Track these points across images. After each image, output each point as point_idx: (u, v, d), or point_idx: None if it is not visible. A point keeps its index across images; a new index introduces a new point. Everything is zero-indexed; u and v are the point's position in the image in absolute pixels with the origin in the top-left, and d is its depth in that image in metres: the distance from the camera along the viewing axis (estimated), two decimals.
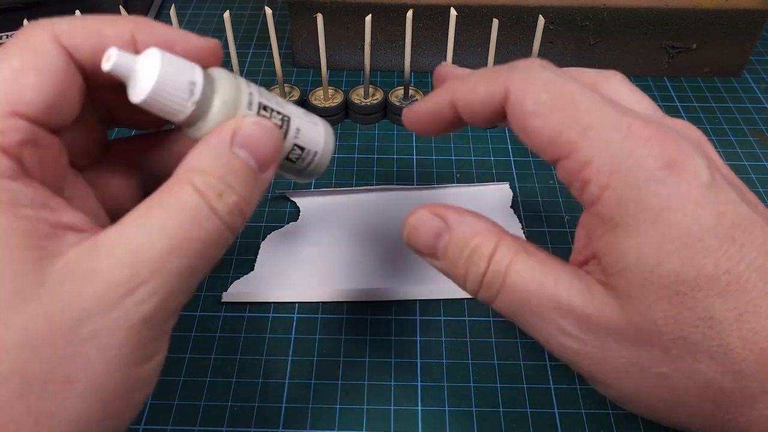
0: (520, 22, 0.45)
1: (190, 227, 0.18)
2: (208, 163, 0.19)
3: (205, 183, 0.18)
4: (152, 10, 0.56)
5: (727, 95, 0.47)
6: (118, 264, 0.17)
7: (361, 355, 0.31)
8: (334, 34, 0.46)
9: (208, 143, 0.19)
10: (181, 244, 0.18)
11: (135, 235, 0.17)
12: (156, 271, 0.17)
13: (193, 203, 0.18)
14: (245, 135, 0.20)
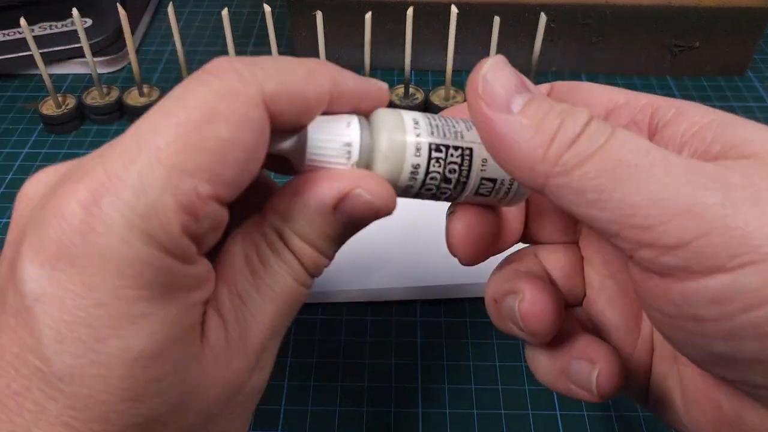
0: (521, 20, 0.45)
1: (296, 290, 0.18)
2: (302, 225, 0.17)
3: (302, 251, 0.18)
4: (150, 8, 0.55)
5: (730, 94, 0.47)
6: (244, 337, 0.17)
7: (361, 357, 0.31)
8: (333, 32, 0.46)
9: (307, 201, 0.17)
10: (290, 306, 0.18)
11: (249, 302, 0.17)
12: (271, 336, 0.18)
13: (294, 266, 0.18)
14: (352, 211, 0.17)
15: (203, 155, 0.15)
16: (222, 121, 0.15)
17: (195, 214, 0.15)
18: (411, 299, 0.33)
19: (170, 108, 0.15)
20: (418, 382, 0.30)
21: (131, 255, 0.14)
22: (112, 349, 0.14)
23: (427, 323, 0.32)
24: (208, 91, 0.15)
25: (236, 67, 0.16)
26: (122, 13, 0.39)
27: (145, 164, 0.14)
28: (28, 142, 0.43)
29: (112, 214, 0.14)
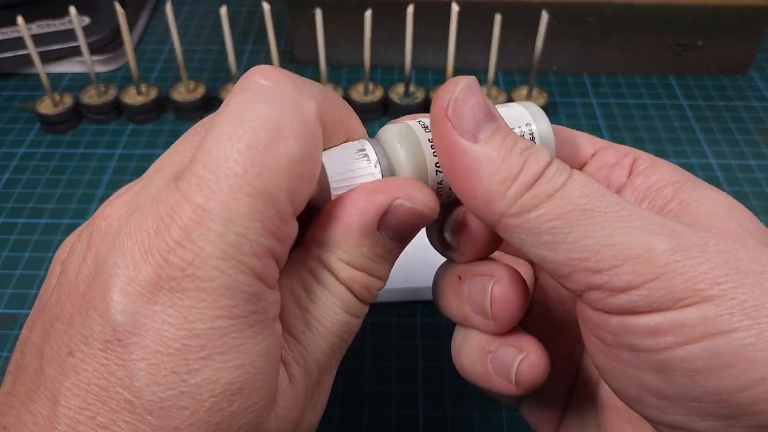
0: (522, 18, 0.44)
1: (347, 322, 0.17)
2: (348, 251, 0.17)
3: (351, 277, 0.17)
4: (148, 6, 0.55)
5: (733, 93, 0.46)
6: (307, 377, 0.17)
7: (361, 360, 0.30)
8: (333, 31, 0.46)
9: (348, 222, 0.17)
10: (343, 339, 0.17)
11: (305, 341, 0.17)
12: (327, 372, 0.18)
13: (343, 296, 0.17)
14: (396, 223, 0.17)
15: (280, 176, 0.14)
16: (291, 137, 0.15)
17: (280, 237, 0.15)
18: (412, 300, 0.33)
19: (235, 127, 0.15)
20: (419, 384, 0.29)
21: (227, 284, 0.14)
22: (202, 381, 0.14)
23: (428, 325, 0.32)
24: (269, 104, 0.15)
25: (290, 76, 0.16)
26: (120, 11, 0.39)
27: (228, 194, 0.14)
28: (24, 142, 0.42)
29: (205, 246, 0.14)
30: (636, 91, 0.47)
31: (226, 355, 0.14)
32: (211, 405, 0.14)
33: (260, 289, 0.15)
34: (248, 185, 0.14)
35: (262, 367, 0.15)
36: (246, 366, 0.14)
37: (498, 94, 0.44)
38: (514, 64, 0.48)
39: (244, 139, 0.14)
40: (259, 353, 0.15)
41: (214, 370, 0.14)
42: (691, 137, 0.43)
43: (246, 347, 0.14)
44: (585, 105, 0.45)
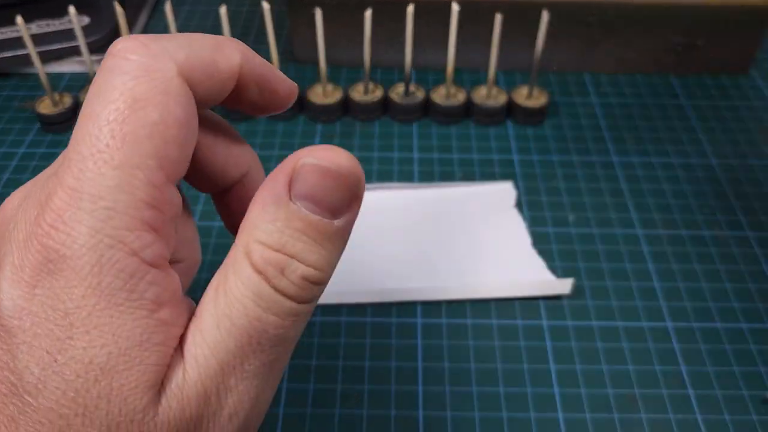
0: (523, 18, 0.44)
1: (258, 315, 0.15)
2: (263, 228, 0.15)
3: (263, 258, 0.15)
4: (148, 6, 0.55)
5: (733, 93, 0.46)
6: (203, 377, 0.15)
7: (360, 359, 0.30)
8: (333, 30, 0.45)
9: (263, 199, 0.16)
10: (255, 340, 0.15)
11: (209, 336, 0.15)
12: (237, 376, 0.15)
13: (254, 286, 0.15)
14: (305, 184, 0.15)
15: (143, 144, 0.14)
16: (148, 104, 0.15)
17: (155, 205, 0.15)
18: (411, 300, 0.32)
19: (94, 107, 0.15)
20: (419, 385, 0.29)
21: (94, 260, 0.14)
22: (68, 360, 0.14)
23: (427, 325, 0.32)
24: (123, 77, 0.15)
25: (144, 43, 0.15)
26: (120, 11, 0.39)
27: (94, 170, 0.14)
28: (24, 142, 0.42)
29: (74, 225, 0.14)
30: (637, 90, 0.47)
31: (89, 334, 0.14)
32: (79, 385, 0.14)
33: (133, 265, 0.14)
34: (112, 159, 0.14)
35: (128, 349, 0.14)
36: (109, 346, 0.14)
37: (498, 94, 0.43)
38: (514, 64, 0.47)
39: (102, 115, 0.14)
40: (125, 335, 0.14)
41: (80, 349, 0.14)
42: (693, 137, 0.43)
43: (110, 327, 0.14)
44: (586, 105, 0.45)
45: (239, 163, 0.20)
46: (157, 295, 0.15)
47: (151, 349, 0.14)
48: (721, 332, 0.31)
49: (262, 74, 0.18)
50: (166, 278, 0.15)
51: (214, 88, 0.17)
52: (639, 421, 0.28)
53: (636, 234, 0.36)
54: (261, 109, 0.19)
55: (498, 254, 0.34)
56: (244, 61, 0.17)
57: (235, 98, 0.18)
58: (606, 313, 0.32)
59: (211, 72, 0.16)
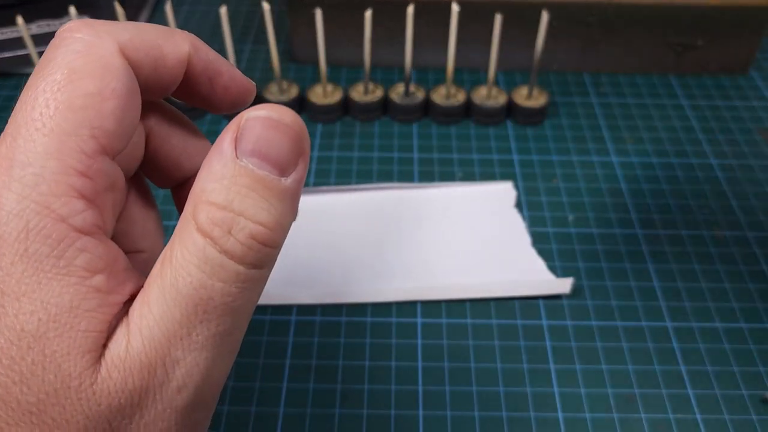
0: (523, 18, 0.44)
1: (204, 282, 0.15)
2: (209, 189, 0.15)
3: (209, 218, 0.15)
4: (148, 6, 0.55)
5: (733, 93, 0.46)
6: (148, 348, 0.15)
7: (360, 359, 0.30)
8: (333, 30, 0.46)
9: (210, 160, 0.15)
10: (201, 309, 0.15)
11: (155, 307, 0.15)
12: (185, 347, 0.15)
13: (199, 251, 0.15)
14: (251, 138, 0.15)
15: (77, 113, 0.15)
16: (86, 76, 0.15)
17: (86, 173, 0.15)
18: (411, 300, 0.32)
19: (35, 80, 0.15)
20: (419, 385, 0.29)
21: (21, 225, 0.14)
22: (1, 329, 0.14)
23: (427, 325, 0.32)
24: (64, 51, 0.15)
25: (89, 23, 0.16)
26: (120, 11, 0.39)
27: (25, 137, 0.14)
28: None
29: (2, 192, 0.14)
30: (636, 90, 0.47)
31: (19, 301, 0.14)
32: (14, 353, 0.14)
33: (61, 231, 0.14)
34: (44, 126, 0.14)
35: (57, 315, 0.14)
36: (38, 312, 0.14)
37: (498, 94, 0.43)
38: (514, 64, 0.48)
39: (40, 86, 0.15)
40: (54, 301, 0.14)
41: (11, 317, 0.14)
42: (692, 137, 0.43)
43: (39, 293, 0.14)
44: (585, 104, 0.45)
45: (194, 156, 0.20)
46: (88, 262, 0.15)
47: (81, 315, 0.14)
48: (721, 332, 0.31)
49: (213, 68, 0.18)
50: (99, 246, 0.15)
51: (161, 74, 0.17)
52: (639, 421, 0.28)
53: (636, 234, 0.36)
54: (214, 105, 0.19)
55: (498, 254, 0.35)
56: (194, 51, 0.17)
57: (186, 90, 0.18)
58: (606, 312, 0.32)
59: (155, 56, 0.17)
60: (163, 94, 0.18)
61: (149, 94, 0.17)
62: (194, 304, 0.15)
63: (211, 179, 0.15)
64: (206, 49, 0.18)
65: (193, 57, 0.17)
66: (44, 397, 0.14)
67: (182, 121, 0.20)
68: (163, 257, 0.15)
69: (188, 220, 0.15)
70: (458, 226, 0.36)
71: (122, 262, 0.16)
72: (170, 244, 0.15)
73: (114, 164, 0.16)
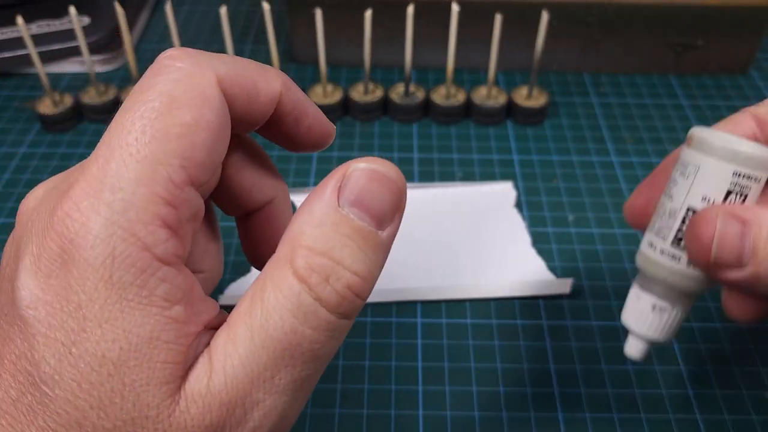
0: (523, 18, 0.44)
1: (295, 328, 0.15)
2: (309, 233, 0.15)
3: (307, 265, 0.15)
4: (148, 6, 0.55)
5: (733, 93, 0.46)
6: (230, 387, 0.15)
7: (360, 359, 0.30)
8: (333, 30, 0.45)
9: (310, 206, 0.15)
10: (288, 354, 0.15)
11: (241, 347, 0.15)
12: (266, 389, 0.15)
13: (294, 296, 0.15)
14: (355, 188, 0.15)
15: (171, 142, 0.15)
16: (184, 105, 0.15)
17: (172, 203, 0.15)
18: (411, 300, 0.32)
19: (132, 104, 0.15)
20: (419, 385, 0.29)
21: (107, 251, 0.14)
22: (83, 353, 0.14)
23: (427, 325, 0.32)
24: (165, 79, 0.15)
25: (189, 53, 0.16)
26: (120, 11, 0.39)
27: (119, 161, 0.14)
28: (24, 142, 0.42)
29: (90, 215, 0.14)
30: (636, 90, 0.47)
31: (101, 328, 0.14)
32: (94, 379, 0.14)
33: (145, 260, 0.14)
34: (138, 152, 0.14)
35: (138, 345, 0.14)
36: (120, 341, 0.14)
37: (498, 94, 0.43)
38: (514, 64, 0.48)
39: (138, 111, 0.15)
40: (135, 330, 0.14)
41: (93, 343, 0.14)
42: None
43: (121, 322, 0.14)
44: (585, 104, 0.45)
45: (266, 189, 0.20)
46: (168, 293, 0.15)
47: (160, 346, 0.14)
48: (721, 332, 0.31)
49: (301, 108, 0.18)
50: (179, 276, 0.15)
51: (252, 109, 0.17)
52: (639, 421, 0.28)
53: (636, 234, 0.36)
54: (295, 144, 0.19)
55: (498, 254, 0.35)
56: (285, 89, 0.18)
57: (271, 127, 0.18)
58: (605, 313, 0.32)
59: (249, 91, 0.17)
60: (251, 129, 0.18)
61: (238, 127, 0.17)
62: (282, 349, 0.15)
63: (311, 224, 0.15)
64: (296, 89, 0.18)
65: (284, 95, 0.18)
66: (121, 425, 0.14)
67: (258, 152, 0.20)
68: (252, 296, 0.15)
69: (284, 262, 0.15)
70: (458, 226, 0.36)
71: (198, 291, 0.16)
72: (260, 284, 0.15)
73: (198, 195, 0.16)
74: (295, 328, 0.15)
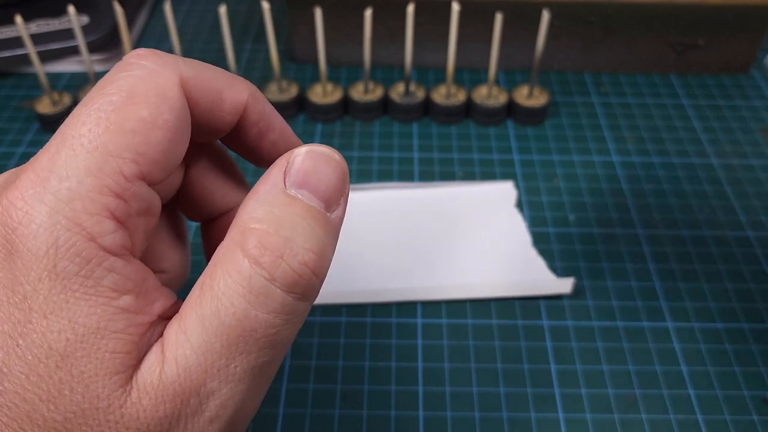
0: (523, 17, 0.44)
1: (248, 313, 0.14)
2: (259, 216, 0.15)
3: (261, 243, 0.15)
4: (147, 6, 0.55)
5: (734, 93, 0.46)
6: (182, 378, 0.15)
7: (360, 359, 0.30)
8: (333, 29, 0.45)
9: (258, 190, 0.16)
10: (242, 340, 0.15)
11: (193, 336, 0.15)
12: (222, 378, 0.15)
13: (245, 279, 0.14)
14: (300, 170, 0.16)
15: (125, 136, 0.15)
16: (142, 101, 0.15)
17: (122, 195, 0.15)
18: (411, 300, 0.32)
19: (92, 97, 0.15)
20: (419, 385, 0.29)
21: (51, 240, 0.14)
22: (30, 344, 0.14)
23: (427, 325, 0.32)
24: (127, 75, 0.15)
25: (157, 54, 0.16)
26: (119, 10, 0.39)
27: (68, 151, 0.14)
28: (23, 141, 0.42)
29: (35, 204, 0.14)
30: (637, 90, 0.46)
31: (47, 319, 0.14)
32: (41, 371, 0.14)
33: (90, 250, 0.14)
34: (89, 142, 0.14)
35: (85, 336, 0.14)
36: (66, 332, 0.14)
37: (499, 94, 0.43)
38: (515, 63, 0.47)
39: (96, 104, 0.15)
40: (82, 321, 0.14)
41: (39, 334, 0.14)
42: (693, 137, 0.42)
43: (66, 312, 0.14)
44: (586, 104, 0.45)
45: (229, 196, 0.20)
46: (116, 283, 0.14)
47: (108, 336, 0.14)
48: (722, 332, 0.31)
49: (266, 122, 0.18)
50: (127, 266, 0.15)
51: (215, 117, 0.17)
52: (639, 422, 0.28)
53: (636, 234, 0.36)
54: (258, 158, 0.19)
55: (498, 254, 0.34)
56: (252, 100, 0.18)
57: (234, 138, 0.18)
58: (606, 313, 0.32)
59: (214, 98, 0.17)
60: (214, 137, 0.18)
61: (200, 135, 0.17)
62: (236, 335, 0.15)
63: (260, 207, 0.15)
64: (264, 103, 0.18)
65: (250, 106, 0.18)
66: (71, 417, 0.14)
67: (225, 159, 0.20)
68: (201, 284, 0.15)
69: (233, 248, 0.15)
70: (458, 226, 0.36)
71: (151, 281, 0.16)
72: (210, 271, 0.15)
73: (151, 190, 0.16)
74: (248, 313, 0.15)
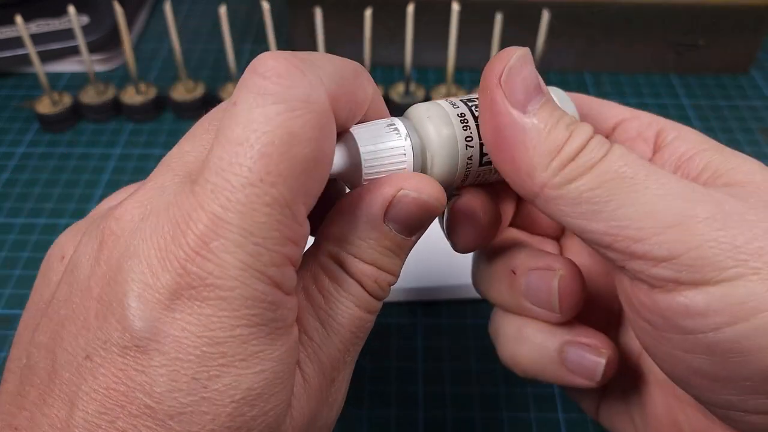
0: (524, 17, 0.44)
1: (359, 317, 0.17)
2: (357, 244, 0.17)
3: (360, 270, 0.17)
4: (147, 5, 0.55)
5: (734, 93, 0.46)
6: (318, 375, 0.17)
7: (360, 359, 0.30)
8: (333, 29, 0.45)
9: (356, 217, 0.17)
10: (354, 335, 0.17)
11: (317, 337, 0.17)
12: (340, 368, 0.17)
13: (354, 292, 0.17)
14: (401, 214, 0.17)
15: (296, 182, 0.14)
16: (304, 141, 0.14)
17: (296, 242, 0.15)
18: (412, 300, 0.32)
19: (246, 133, 0.14)
20: (419, 385, 0.29)
21: (247, 293, 0.14)
22: (223, 387, 0.14)
23: (428, 325, 0.31)
24: (279, 106, 0.14)
25: (296, 65, 0.14)
26: (119, 10, 0.39)
27: (246, 204, 0.14)
28: (23, 141, 0.42)
29: (224, 256, 0.14)
30: (638, 90, 0.46)
31: (246, 362, 0.14)
32: (232, 410, 0.14)
33: (279, 297, 0.15)
34: (265, 195, 0.14)
35: (281, 372, 0.15)
36: (266, 372, 0.15)
37: None
38: None
39: (256, 146, 0.14)
40: (278, 359, 0.15)
41: (235, 377, 0.14)
42: None
43: (265, 354, 0.15)
44: None
45: None
46: (294, 319, 0.16)
47: (294, 369, 0.16)
48: None
49: (375, 109, 0.18)
50: (294, 301, 0.16)
51: (351, 119, 0.17)
52: None
53: None
54: None
55: None
56: (375, 93, 0.18)
57: None
58: None
59: (351, 104, 0.16)
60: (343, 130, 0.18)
61: None
62: (351, 332, 0.17)
63: (357, 235, 0.17)
64: (377, 89, 0.18)
65: (374, 99, 0.18)
66: None
67: None
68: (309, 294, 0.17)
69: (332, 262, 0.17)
70: None
71: None
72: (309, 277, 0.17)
73: (308, 222, 0.16)
74: (360, 316, 0.17)
